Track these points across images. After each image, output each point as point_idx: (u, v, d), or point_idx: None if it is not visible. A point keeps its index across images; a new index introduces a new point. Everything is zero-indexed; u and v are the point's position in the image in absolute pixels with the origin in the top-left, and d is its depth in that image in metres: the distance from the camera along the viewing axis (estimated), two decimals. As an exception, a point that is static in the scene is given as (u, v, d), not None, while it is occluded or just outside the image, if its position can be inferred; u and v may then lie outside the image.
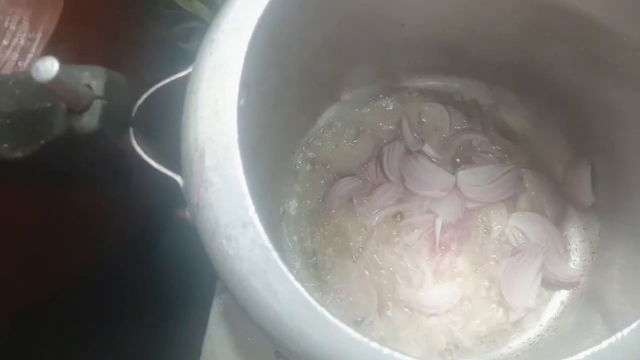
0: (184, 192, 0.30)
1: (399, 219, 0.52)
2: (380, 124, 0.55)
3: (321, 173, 0.54)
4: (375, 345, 0.25)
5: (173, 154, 0.32)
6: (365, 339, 0.25)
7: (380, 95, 0.56)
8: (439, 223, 0.51)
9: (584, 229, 0.51)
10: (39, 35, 0.44)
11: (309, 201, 0.53)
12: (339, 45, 0.49)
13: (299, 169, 0.54)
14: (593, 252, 0.50)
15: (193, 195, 0.29)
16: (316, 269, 0.52)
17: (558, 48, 0.48)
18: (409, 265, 0.50)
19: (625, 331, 0.25)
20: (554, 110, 0.53)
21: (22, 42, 0.43)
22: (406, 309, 0.50)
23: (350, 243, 0.52)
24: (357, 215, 0.52)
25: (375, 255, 0.51)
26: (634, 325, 0.25)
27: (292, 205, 0.53)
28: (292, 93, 0.49)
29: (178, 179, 0.30)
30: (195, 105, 0.30)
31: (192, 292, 0.56)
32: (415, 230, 0.52)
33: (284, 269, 0.26)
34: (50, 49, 0.44)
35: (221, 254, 0.27)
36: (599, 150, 0.50)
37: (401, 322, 0.50)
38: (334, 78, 0.54)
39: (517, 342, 0.49)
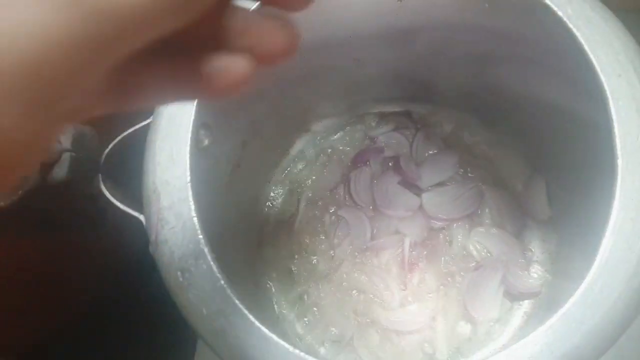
0: (146, 230, 0.33)
1: (368, 241, 0.55)
2: (348, 150, 0.58)
3: (295, 200, 0.57)
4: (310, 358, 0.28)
5: (139, 196, 0.36)
6: (302, 353, 0.28)
7: (348, 124, 0.60)
8: (407, 243, 0.54)
9: (543, 241, 0.53)
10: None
11: (284, 228, 0.57)
12: (304, 84, 0.53)
13: (274, 197, 0.58)
14: (552, 263, 0.52)
15: (152, 233, 0.32)
16: (293, 292, 0.55)
17: (521, 74, 0.51)
18: (380, 286, 0.53)
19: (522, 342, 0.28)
20: (510, 133, 0.56)
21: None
22: (381, 329, 0.52)
23: (324, 267, 0.55)
24: (329, 239, 0.55)
25: (346, 277, 0.54)
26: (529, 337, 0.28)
27: (269, 232, 0.57)
28: (261, 129, 0.53)
29: (142, 218, 0.34)
30: (153, 152, 0.34)
31: (179, 323, 0.59)
32: (385, 251, 0.55)
33: (231, 294, 0.30)
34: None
35: (176, 284, 0.31)
36: (552, 168, 0.53)
37: (377, 342, 0.52)
38: (303, 112, 0.58)
39: (485, 351, 0.51)
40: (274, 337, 0.29)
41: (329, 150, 0.59)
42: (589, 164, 0.47)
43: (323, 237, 0.56)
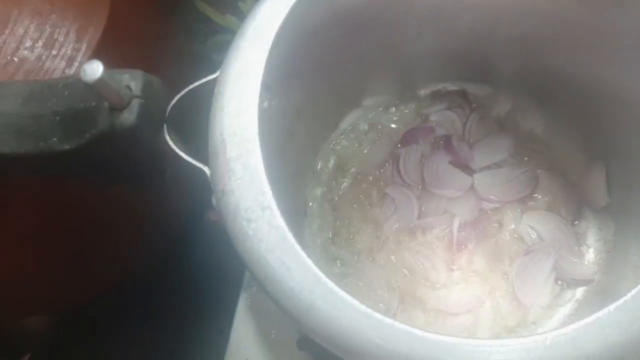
0: (211, 181, 0.33)
1: (415, 219, 0.54)
2: (398, 127, 0.58)
3: (342, 175, 0.57)
4: (378, 315, 0.27)
5: (201, 149, 0.36)
6: (369, 310, 0.27)
7: (400, 101, 0.59)
8: (456, 222, 0.53)
9: (599, 228, 0.52)
10: (84, 46, 0.49)
11: (329, 202, 0.56)
12: (358, 57, 0.52)
13: (321, 170, 0.57)
14: (608, 252, 0.51)
15: (218, 183, 0.32)
16: (337, 266, 0.54)
17: (575, 55, 0.50)
18: (427, 265, 0.52)
19: (612, 307, 0.27)
20: (569, 116, 0.54)
21: (69, 52, 0.48)
22: (426, 309, 0.51)
23: (369, 244, 0.54)
24: (375, 216, 0.54)
25: (393, 256, 0.53)
26: (620, 301, 0.27)
27: (315, 205, 0.56)
28: (315, 101, 0.52)
29: (206, 169, 0.34)
30: (221, 104, 0.34)
31: (220, 288, 0.59)
32: (433, 230, 0.54)
33: (297, 247, 0.29)
34: (93, 59, 0.48)
35: (242, 234, 0.30)
36: (613, 153, 0.51)
37: (421, 322, 0.51)
38: (355, 86, 0.57)
39: (533, 338, 0.50)
40: (340, 290, 0.28)
41: (379, 127, 0.59)
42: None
43: (369, 214, 0.55)
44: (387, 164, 0.57)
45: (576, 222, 0.52)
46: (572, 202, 0.53)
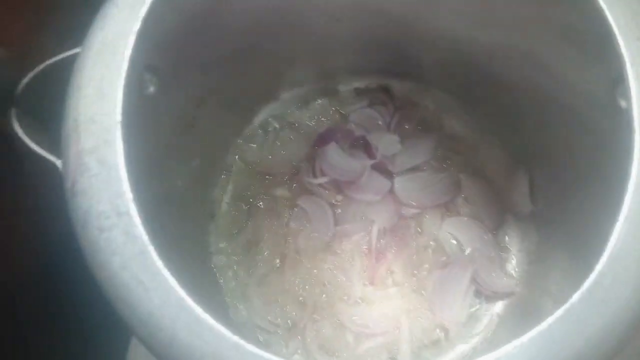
0: (62, 178, 0.27)
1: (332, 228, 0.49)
2: (316, 125, 0.53)
3: (253, 175, 0.51)
4: (252, 348, 0.22)
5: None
6: (242, 342, 0.22)
7: (320, 96, 0.54)
8: (375, 229, 0.49)
9: (521, 239, 0.49)
10: None
11: (239, 205, 0.51)
12: (271, 43, 0.47)
13: (230, 170, 0.52)
14: (530, 263, 0.48)
15: (67, 180, 0.26)
16: (242, 277, 0.49)
17: (500, 52, 0.46)
18: (343, 277, 0.48)
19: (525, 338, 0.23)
20: (493, 118, 0.52)
21: None
22: (339, 326, 0.47)
23: (280, 254, 0.49)
24: (288, 224, 0.50)
25: (306, 268, 0.48)
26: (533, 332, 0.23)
27: (223, 206, 0.51)
28: (221, 91, 0.46)
29: (58, 163, 0.28)
30: (79, 83, 0.27)
31: (110, 313, 0.51)
32: (350, 238, 0.49)
33: (160, 264, 0.24)
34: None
35: (92, 245, 0.24)
36: (537, 159, 0.49)
37: (332, 338, 0.47)
38: (271, 77, 0.52)
39: (451, 355, 0.46)
40: (208, 318, 0.23)
41: (296, 124, 0.54)
42: (588, 153, 0.42)
43: (282, 221, 0.50)
44: (302, 164, 0.52)
45: (498, 231, 0.49)
46: (495, 209, 0.50)
